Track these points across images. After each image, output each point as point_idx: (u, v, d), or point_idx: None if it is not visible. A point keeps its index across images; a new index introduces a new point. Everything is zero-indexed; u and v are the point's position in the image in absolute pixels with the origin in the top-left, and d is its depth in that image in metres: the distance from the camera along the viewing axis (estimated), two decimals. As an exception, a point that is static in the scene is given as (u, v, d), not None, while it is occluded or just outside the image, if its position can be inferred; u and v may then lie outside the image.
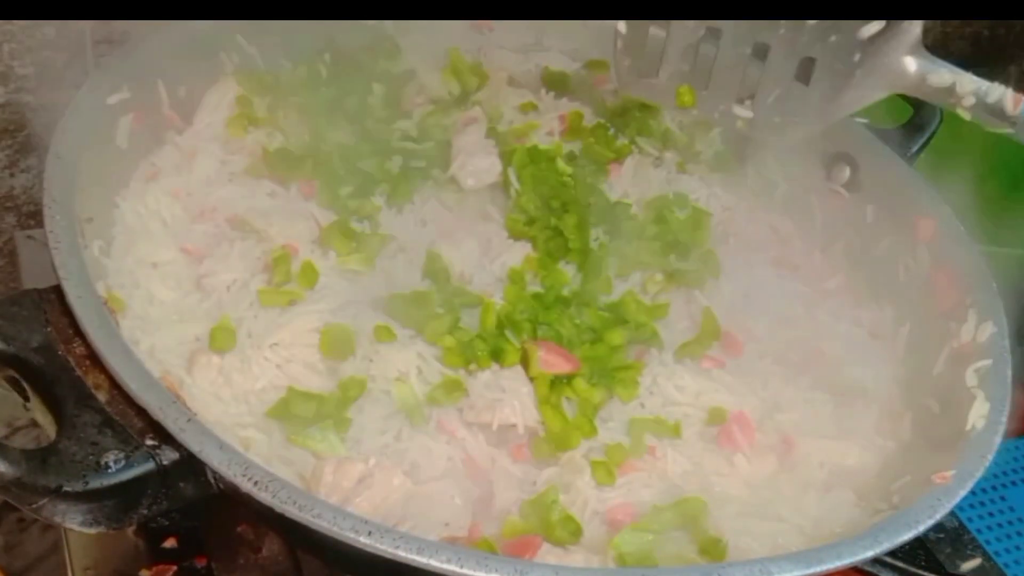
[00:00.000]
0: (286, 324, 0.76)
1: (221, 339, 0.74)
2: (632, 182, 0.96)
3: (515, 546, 0.66)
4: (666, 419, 0.77)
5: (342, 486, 0.66)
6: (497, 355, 0.77)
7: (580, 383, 0.77)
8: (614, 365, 0.79)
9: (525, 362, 0.77)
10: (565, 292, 0.84)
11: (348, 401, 0.72)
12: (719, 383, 0.80)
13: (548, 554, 0.66)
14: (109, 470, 0.58)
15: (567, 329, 0.80)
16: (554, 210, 0.89)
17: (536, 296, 0.83)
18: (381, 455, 0.70)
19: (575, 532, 0.68)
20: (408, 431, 0.72)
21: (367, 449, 0.70)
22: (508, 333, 0.79)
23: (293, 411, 0.70)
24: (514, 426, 0.74)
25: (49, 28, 0.99)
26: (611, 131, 0.99)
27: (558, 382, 0.76)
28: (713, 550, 0.69)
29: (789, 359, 0.85)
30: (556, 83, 1.04)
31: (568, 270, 0.87)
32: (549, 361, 0.77)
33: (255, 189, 0.87)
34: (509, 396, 0.74)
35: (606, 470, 0.72)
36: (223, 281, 0.79)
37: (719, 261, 0.90)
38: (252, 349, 0.74)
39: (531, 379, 0.77)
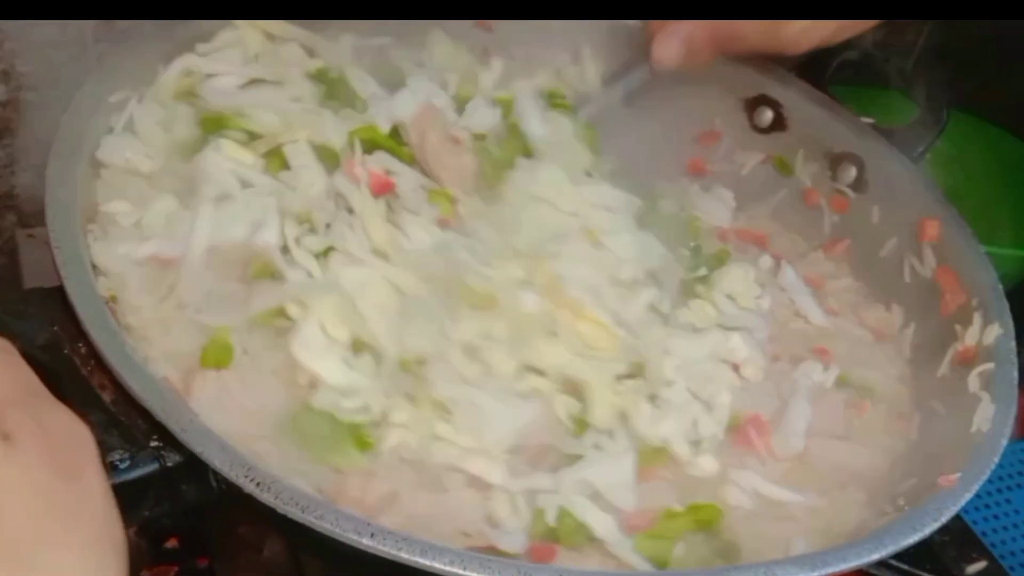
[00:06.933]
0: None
1: (215, 356, 0.69)
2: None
3: (533, 553, 0.65)
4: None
5: (366, 503, 0.65)
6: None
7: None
8: None
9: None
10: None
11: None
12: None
13: (563, 558, 0.66)
14: (115, 470, 0.58)
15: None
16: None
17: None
18: (401, 463, 0.68)
19: (590, 538, 0.67)
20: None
21: (388, 460, 0.69)
22: None
23: (305, 430, 0.68)
24: None
25: (50, 26, 0.99)
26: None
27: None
28: (729, 555, 0.69)
29: (797, 360, 0.84)
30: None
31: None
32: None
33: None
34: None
35: None
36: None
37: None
38: (252, 372, 0.70)
39: None
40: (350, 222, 0.78)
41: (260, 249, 0.74)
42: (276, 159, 0.80)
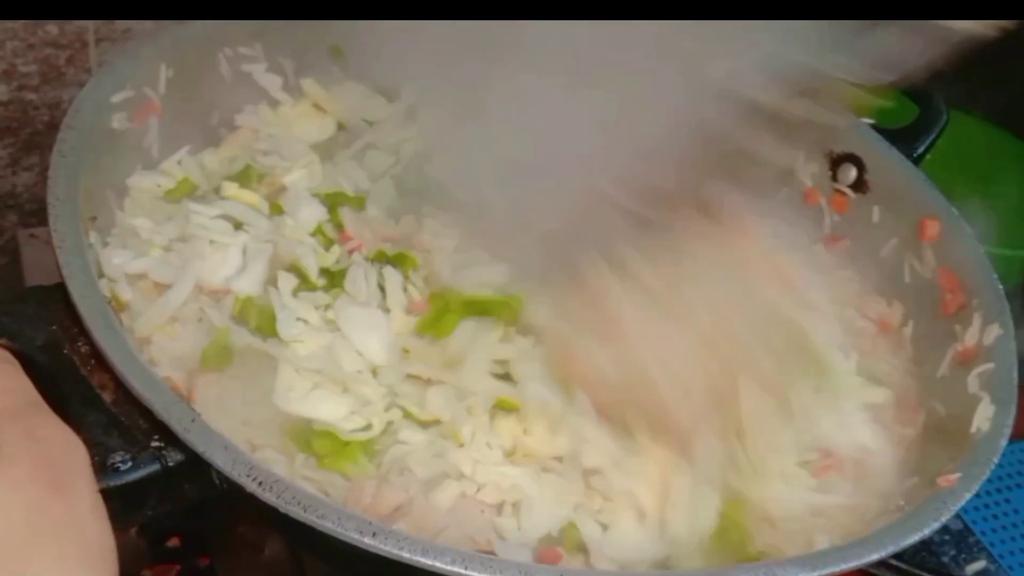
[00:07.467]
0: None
1: (214, 358, 0.70)
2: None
3: (541, 556, 0.65)
4: None
5: (379, 510, 0.65)
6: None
7: None
8: None
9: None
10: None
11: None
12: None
13: (572, 559, 0.66)
14: (116, 472, 0.58)
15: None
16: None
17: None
18: (412, 464, 0.68)
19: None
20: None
21: (395, 463, 0.68)
22: None
23: (314, 449, 0.68)
24: None
25: (52, 26, 0.99)
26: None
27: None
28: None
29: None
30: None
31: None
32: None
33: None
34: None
35: None
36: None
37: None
38: (253, 387, 0.70)
39: None
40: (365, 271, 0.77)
41: (238, 293, 0.75)
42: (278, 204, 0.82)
